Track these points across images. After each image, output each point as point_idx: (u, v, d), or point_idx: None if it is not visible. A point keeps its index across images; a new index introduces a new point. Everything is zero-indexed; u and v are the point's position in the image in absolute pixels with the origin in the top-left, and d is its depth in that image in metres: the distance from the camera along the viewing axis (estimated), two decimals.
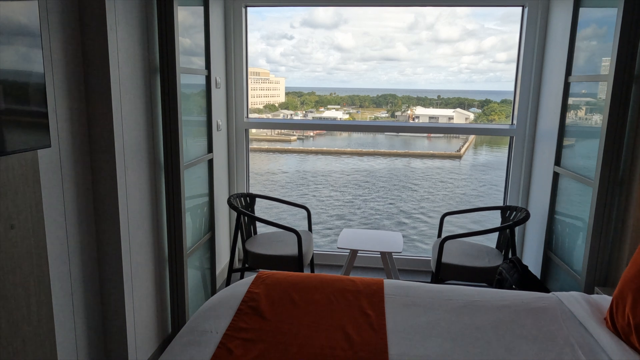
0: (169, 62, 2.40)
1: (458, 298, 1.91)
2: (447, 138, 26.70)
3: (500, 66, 35.30)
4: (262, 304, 1.80)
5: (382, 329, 1.67)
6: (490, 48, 35.36)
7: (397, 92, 34.38)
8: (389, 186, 15.87)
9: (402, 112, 30.48)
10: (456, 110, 29.61)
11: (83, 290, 2.08)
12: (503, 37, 35.86)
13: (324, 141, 25.47)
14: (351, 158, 21.91)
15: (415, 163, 22.15)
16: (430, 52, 34.97)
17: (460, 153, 23.94)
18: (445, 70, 34.61)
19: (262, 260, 3.14)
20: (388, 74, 35.17)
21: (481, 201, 14.31)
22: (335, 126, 4.23)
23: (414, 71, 35.78)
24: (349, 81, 34.22)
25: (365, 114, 30.20)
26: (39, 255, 1.74)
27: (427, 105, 32.24)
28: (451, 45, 33.61)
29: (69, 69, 1.91)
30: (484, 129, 3.92)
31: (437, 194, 15.22)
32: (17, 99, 1.53)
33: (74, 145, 1.96)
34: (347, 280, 2.02)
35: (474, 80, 36.76)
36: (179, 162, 2.49)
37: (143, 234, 2.37)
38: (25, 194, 1.66)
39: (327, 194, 14.31)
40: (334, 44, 34.54)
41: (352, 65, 33.88)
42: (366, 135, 26.66)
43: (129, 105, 2.19)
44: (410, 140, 26.83)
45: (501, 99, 33.16)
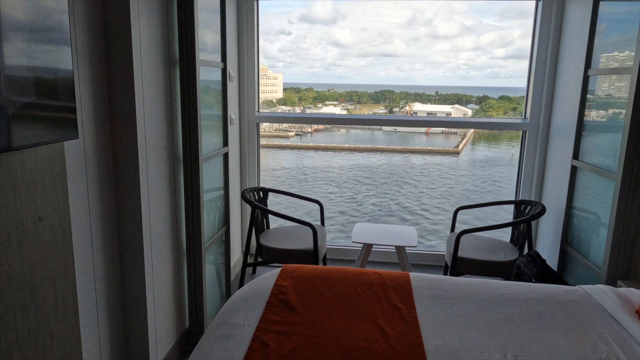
0: (188, 53, 2.37)
1: (486, 291, 1.90)
2: (445, 134, 26.72)
3: (498, 62, 35.29)
4: (291, 297, 1.79)
5: (415, 321, 1.66)
6: (489, 44, 35.23)
7: (395, 88, 34.34)
8: (389, 182, 15.88)
9: (400, 108, 30.46)
10: (454, 107, 29.62)
11: (105, 284, 2.06)
12: (501, 33, 35.74)
13: (322, 137, 25.44)
14: (350, 154, 21.90)
15: (413, 159, 22.17)
16: (429, 48, 34.83)
17: (459, 149, 23.97)
18: (443, 66, 34.54)
19: (276, 255, 3.13)
20: (386, 70, 35.05)
21: (482, 197, 14.34)
22: (344, 120, 4.21)
23: (412, 67, 35.66)
24: (346, 77, 34.09)
25: (363, 109, 30.18)
26: (65, 248, 1.72)
27: (425, 101, 32.23)
28: (449, 41, 33.52)
29: (93, 62, 1.88)
30: (496, 123, 3.92)
31: (438, 189, 15.24)
32: (48, 93, 1.52)
33: (97, 137, 1.94)
34: (372, 274, 2.01)
35: (471, 77, 36.63)
36: (198, 155, 2.47)
37: (163, 227, 2.35)
38: (52, 185, 1.64)
39: (330, 190, 14.30)
40: (332, 40, 34.41)
41: (350, 61, 33.72)
42: (364, 131, 26.63)
43: (151, 98, 2.16)
44: (408, 136, 26.84)
45: (499, 95, 33.21)
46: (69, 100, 1.60)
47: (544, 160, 3.50)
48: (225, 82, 2.91)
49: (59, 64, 1.53)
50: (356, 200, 13.25)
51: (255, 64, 3.69)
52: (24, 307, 1.51)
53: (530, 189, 3.67)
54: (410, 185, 16.11)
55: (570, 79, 3.06)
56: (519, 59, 37.16)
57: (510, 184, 16.61)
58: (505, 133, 26.91)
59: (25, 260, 1.48)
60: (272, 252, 3.12)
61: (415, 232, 3.36)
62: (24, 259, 1.48)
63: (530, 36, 3.61)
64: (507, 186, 16.24)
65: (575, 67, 2.98)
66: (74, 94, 1.63)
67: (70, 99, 1.61)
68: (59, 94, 1.57)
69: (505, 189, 15.61)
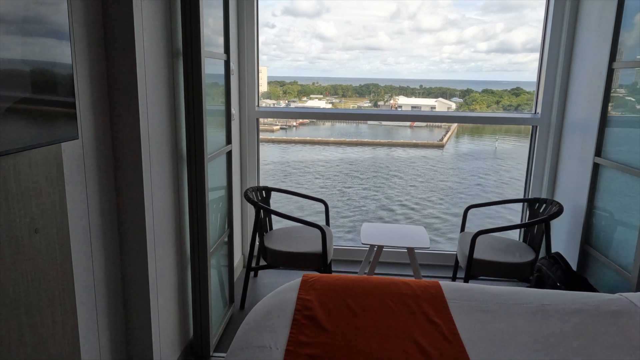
0: (193, 44, 2.17)
1: (525, 302, 1.76)
2: (430, 127, 26.79)
3: (481, 56, 35.53)
4: (318, 313, 1.62)
5: (457, 339, 1.51)
6: (472, 38, 35.52)
7: (379, 82, 34.34)
8: (377, 176, 15.78)
9: (385, 102, 30.47)
10: (438, 100, 29.75)
11: (106, 296, 1.86)
12: (484, 27, 36.02)
13: (307, 131, 25.27)
14: (337, 148, 21.77)
15: (399, 152, 22.15)
16: (412, 42, 34.96)
17: (443, 142, 24.06)
18: (427, 60, 34.69)
19: (283, 258, 2.95)
20: (370, 63, 35.04)
21: (469, 189, 14.34)
22: (344, 115, 4.05)
23: (396, 60, 35.73)
24: (331, 70, 33.97)
25: (348, 103, 30.08)
26: (64, 261, 1.54)
27: (409, 94, 32.33)
28: (433, 34, 33.63)
29: (92, 53, 1.68)
30: (505, 118, 3.79)
31: (426, 183, 15.20)
32: (44, 87, 1.32)
33: (97, 137, 1.74)
34: (401, 283, 1.86)
35: (455, 70, 36.92)
36: (203, 154, 2.28)
37: (166, 233, 2.16)
38: (49, 193, 1.44)
39: (321, 184, 14.15)
40: (316, 33, 34.20)
41: (334, 55, 33.63)
42: (349, 124, 26.54)
43: (154, 94, 1.96)
44: (393, 129, 26.84)
45: (482, 88, 33.46)
46: (67, 95, 1.41)
47: (556, 157, 3.38)
48: (228, 75, 2.71)
49: (56, 55, 1.33)
50: (347, 194, 13.12)
51: (255, 57, 3.49)
52: (20, 330, 1.32)
53: (540, 186, 3.56)
54: (397, 178, 16.07)
55: (588, 73, 2.94)
56: (501, 53, 37.47)
57: (496, 177, 16.71)
58: (488, 127, 27.08)
59: (19, 277, 1.29)
60: (278, 255, 2.95)
61: (426, 232, 3.22)
62: (19, 276, 1.29)
63: (542, 29, 3.49)
64: (493, 181, 16.32)
65: (594, 60, 2.86)
66: (73, 87, 1.44)
67: (69, 93, 1.41)
68: (57, 87, 1.38)
69: (490, 185, 15.66)
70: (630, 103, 2.56)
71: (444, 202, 12.93)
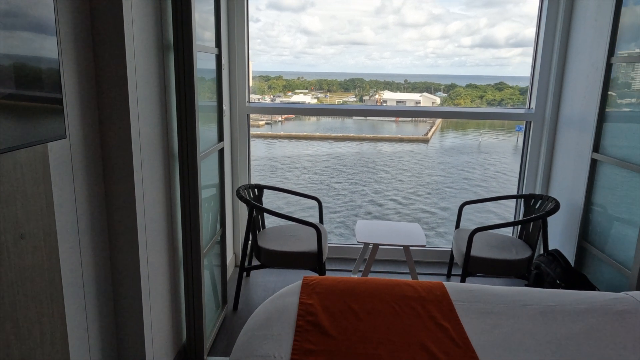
0: (184, 37, 2.08)
1: (532, 303, 1.72)
2: (415, 122, 26.91)
3: (465, 51, 35.73)
4: (322, 318, 1.56)
5: (467, 344, 1.46)
6: (456, 33, 35.65)
7: (364, 77, 34.29)
8: (365, 170, 15.77)
9: (370, 97, 30.50)
10: (423, 95, 29.88)
11: (97, 303, 1.77)
12: (468, 21, 36.24)
13: (292, 126, 25.16)
14: (323, 142, 21.71)
15: (385, 147, 22.19)
16: (397, 37, 35.00)
17: (428, 137, 24.18)
18: (412, 55, 34.76)
19: (277, 258, 2.88)
20: (355, 58, 35.01)
21: (455, 183, 14.42)
22: (336, 111, 3.98)
23: (381, 55, 35.74)
24: (316, 65, 33.86)
25: (334, 98, 30.03)
26: (52, 268, 1.45)
27: (394, 89, 32.40)
28: (417, 29, 33.69)
29: (78, 46, 1.58)
30: (499, 114, 3.76)
31: (414, 178, 15.23)
32: (28, 82, 1.23)
33: (85, 136, 1.64)
34: (404, 285, 1.80)
35: (439, 65, 37.08)
36: (196, 152, 2.19)
37: (158, 235, 2.07)
38: (35, 196, 1.35)
39: (309, 179, 14.08)
40: (301, 28, 33.99)
41: (319, 49, 33.51)
42: (335, 119, 26.52)
43: (144, 89, 1.87)
44: (378, 124, 26.90)
45: (466, 83, 33.68)
46: (53, 91, 1.32)
47: (551, 153, 3.36)
48: (219, 69, 2.62)
49: (41, 49, 1.24)
50: (335, 189, 13.08)
51: (245, 51, 3.40)
52: (6, 342, 1.24)
53: (534, 182, 3.54)
54: (385, 172, 16.08)
55: (584, 68, 2.92)
56: (485, 48, 37.72)
57: (482, 171, 16.80)
58: (472, 122, 27.32)
59: (5, 287, 1.20)
60: (273, 255, 2.88)
61: (421, 229, 3.18)
62: (4, 286, 1.20)
63: (536, 23, 3.45)
64: (479, 175, 16.43)
65: (590, 55, 2.83)
66: (60, 83, 1.35)
67: (56, 89, 1.32)
68: (42, 83, 1.29)
69: (476, 178, 15.77)
70: (628, 98, 2.54)
71: (432, 196, 12.98)
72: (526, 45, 42.47)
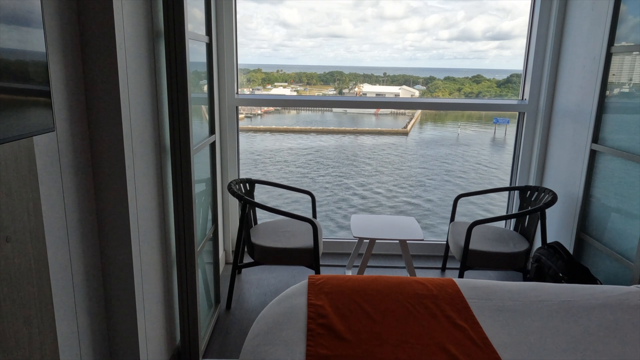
0: (175, 24, 1.95)
1: (546, 299, 1.67)
2: (394, 115, 27.01)
3: (443, 44, 35.91)
4: (334, 321, 1.47)
5: (487, 344, 1.40)
6: (434, 26, 35.79)
7: (343, 69, 34.25)
8: (348, 163, 15.73)
9: (350, 90, 30.49)
10: (402, 88, 30.01)
11: (88, 309, 1.65)
12: (446, 15, 36.46)
13: (272, 119, 24.95)
14: (304, 135, 21.61)
15: (365, 140, 22.23)
16: (376, 29, 34.94)
17: (407, 130, 24.31)
18: (391, 48, 34.76)
19: (271, 254, 2.78)
20: (334, 50, 34.87)
21: (437, 175, 14.50)
22: (324, 103, 3.88)
23: (359, 48, 35.65)
24: (295, 58, 33.59)
25: (313, 91, 29.92)
26: (40, 273, 1.33)
27: (373, 82, 32.45)
28: (396, 22, 33.71)
29: (64, 32, 1.44)
30: (491, 105, 3.72)
31: (397, 170, 15.26)
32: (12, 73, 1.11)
33: (73, 129, 1.51)
34: (414, 283, 1.73)
35: (418, 58, 37.25)
36: (189, 145, 2.07)
37: (151, 234, 1.95)
38: (21, 195, 1.23)
39: (292, 172, 13.97)
40: (280, 20, 33.62)
41: (298, 42, 33.23)
42: (315, 112, 26.42)
43: (135, 79, 1.74)
44: (358, 117, 26.91)
45: (444, 76, 33.94)
46: (41, 83, 1.20)
47: (545, 144, 3.34)
48: (210, 59, 2.49)
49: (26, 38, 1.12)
50: (318, 182, 13.01)
51: (234, 41, 3.27)
52: None
53: (528, 174, 3.52)
54: (366, 164, 16.09)
55: (580, 58, 2.88)
56: (462, 41, 38.00)
57: (462, 162, 16.98)
58: (450, 114, 27.59)
59: None
60: (267, 251, 2.78)
61: (417, 223, 3.12)
62: None
63: (529, 13, 3.41)
64: (459, 166, 16.57)
65: (587, 45, 2.80)
66: (47, 73, 1.23)
67: (43, 80, 1.20)
68: (29, 73, 1.16)
69: (456, 170, 15.90)
70: (628, 88, 2.51)
71: (414, 188, 13.02)
72: (502, 38, 42.91)
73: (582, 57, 2.88)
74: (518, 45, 41.60)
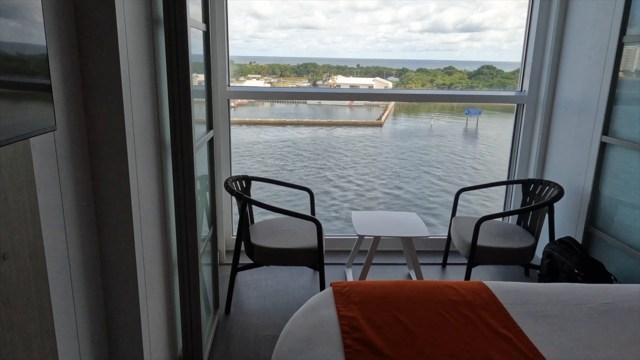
0: (176, 11, 1.77)
1: (584, 302, 1.59)
2: (368, 106, 27.04)
3: (415, 35, 36.15)
4: (370, 334, 1.35)
5: (537, 354, 1.30)
6: (406, 17, 35.97)
7: (317, 61, 34.09)
8: (326, 156, 15.63)
9: (324, 82, 30.33)
10: (376, 79, 30.05)
11: (90, 328, 1.48)
12: (417, 6, 36.70)
13: (245, 112, 24.59)
14: (280, 128, 21.42)
15: (340, 132, 22.21)
16: (349, 21, 34.89)
17: (381, 121, 24.39)
18: (363, 39, 34.81)
19: (273, 255, 2.64)
20: (307, 42, 34.69)
21: (413, 166, 14.56)
22: (319, 95, 3.72)
23: (333, 40, 35.58)
24: (268, 50, 33.27)
25: (287, 83, 29.62)
26: (40, 293, 1.17)
27: (347, 74, 32.40)
28: (368, 14, 33.71)
29: (59, 21, 1.26)
30: (489, 96, 3.65)
31: (375, 162, 15.25)
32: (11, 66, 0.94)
33: (70, 127, 1.33)
34: (445, 287, 1.62)
35: (390, 49, 37.45)
36: (191, 142, 1.90)
37: (153, 238, 1.78)
38: (18, 205, 1.06)
39: (270, 165, 13.78)
40: (252, 11, 33.19)
41: (270, 33, 32.91)
42: (289, 105, 26.23)
43: (136, 70, 1.56)
44: (332, 109, 26.84)
45: (417, 67, 34.18)
46: (42, 76, 1.03)
47: (546, 137, 3.29)
48: (208, 48, 2.32)
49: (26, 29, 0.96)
50: (297, 175, 12.86)
51: (225, 30, 3.09)
52: None
53: (527, 167, 3.46)
54: (343, 156, 16.05)
55: (586, 48, 2.82)
56: (434, 33, 38.36)
57: (437, 151, 17.11)
58: (423, 105, 27.81)
59: None
60: (268, 252, 2.63)
61: (420, 219, 3.03)
62: None
63: (528, 3, 3.34)
64: (435, 156, 16.70)
65: (593, 35, 2.74)
66: (48, 66, 1.06)
67: (44, 73, 1.04)
68: (29, 65, 1.00)
69: (433, 160, 16.02)
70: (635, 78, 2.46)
71: (392, 179, 13.03)
72: (473, 30, 43.50)
73: (587, 47, 2.82)
74: (488, 38, 42.14)
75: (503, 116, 26.22)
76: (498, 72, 27.85)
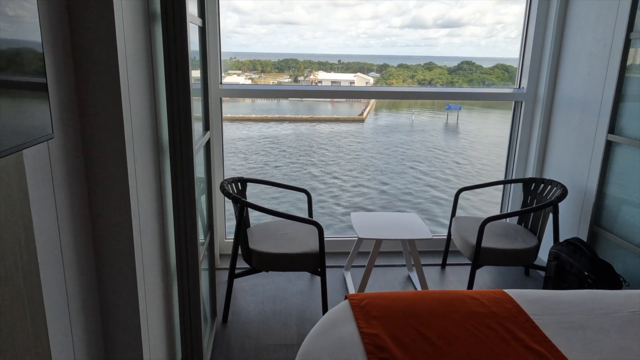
0: (174, 5, 1.64)
1: (612, 310, 1.53)
2: (350, 102, 27.03)
3: (395, 31, 36.19)
4: (397, 353, 1.25)
5: None
6: (386, 13, 36.05)
7: (298, 57, 33.96)
8: (309, 152, 15.54)
9: (305, 77, 30.21)
10: (357, 75, 30.05)
11: (86, 348, 1.35)
12: (398, 2, 36.82)
13: (226, 108, 24.34)
14: (263, 124, 21.26)
15: (323, 127, 22.18)
16: (329, 16, 34.78)
17: (363, 117, 24.40)
18: (344, 35, 34.70)
19: (272, 261, 2.52)
20: (288, 38, 34.53)
21: (396, 160, 14.57)
22: (313, 93, 3.61)
23: (313, 35, 35.47)
24: (248, 45, 32.93)
25: (268, 79, 29.42)
26: (35, 319, 1.05)
27: (328, 70, 32.32)
28: (349, 9, 33.62)
29: (53, 18, 1.13)
30: (487, 94, 3.59)
31: (358, 159, 15.21)
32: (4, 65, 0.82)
33: (65, 133, 1.20)
34: (466, 298, 1.54)
35: (371, 45, 37.50)
36: (191, 144, 1.78)
37: (152, 247, 1.66)
38: (10, 222, 0.94)
39: (253, 161, 13.61)
40: (231, 6, 32.75)
41: (251, 29, 32.58)
42: (270, 101, 26.05)
43: (134, 67, 1.43)
44: (314, 105, 26.77)
45: (397, 63, 34.25)
46: (35, 73, 0.91)
47: (546, 135, 3.24)
48: (204, 44, 2.18)
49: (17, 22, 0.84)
50: (282, 171, 12.74)
51: (217, 26, 2.95)
52: None
53: (525, 166, 3.42)
54: (326, 150, 15.99)
55: (587, 45, 2.77)
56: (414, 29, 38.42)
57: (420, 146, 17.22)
58: (404, 101, 27.89)
59: None
60: (268, 258, 2.51)
61: (421, 220, 2.95)
62: None
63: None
64: (417, 150, 16.76)
65: (596, 32, 2.69)
66: (44, 64, 0.94)
67: (38, 69, 0.92)
68: (23, 63, 0.88)
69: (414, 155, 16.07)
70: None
71: (377, 174, 13.01)
72: (452, 26, 43.75)
73: (589, 43, 2.77)
74: (467, 33, 42.39)
75: (482, 111, 26.46)
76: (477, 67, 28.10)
